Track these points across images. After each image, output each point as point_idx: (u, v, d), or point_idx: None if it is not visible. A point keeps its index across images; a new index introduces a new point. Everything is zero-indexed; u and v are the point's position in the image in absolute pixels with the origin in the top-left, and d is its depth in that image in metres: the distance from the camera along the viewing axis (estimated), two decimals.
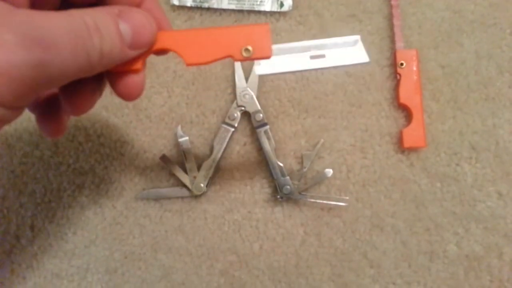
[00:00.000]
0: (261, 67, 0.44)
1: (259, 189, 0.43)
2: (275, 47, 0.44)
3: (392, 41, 0.44)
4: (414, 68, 0.43)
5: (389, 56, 0.44)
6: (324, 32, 0.45)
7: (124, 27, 0.25)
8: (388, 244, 0.42)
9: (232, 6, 0.44)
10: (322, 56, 0.44)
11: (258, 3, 0.44)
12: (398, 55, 0.43)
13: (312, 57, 0.44)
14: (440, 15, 0.45)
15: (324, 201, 0.42)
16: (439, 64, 0.44)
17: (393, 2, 0.44)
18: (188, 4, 0.44)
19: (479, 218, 0.42)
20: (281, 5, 0.44)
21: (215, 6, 0.44)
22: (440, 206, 0.42)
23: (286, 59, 0.44)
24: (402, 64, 0.43)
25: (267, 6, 0.44)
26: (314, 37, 0.44)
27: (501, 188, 0.42)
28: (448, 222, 0.42)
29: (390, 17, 0.44)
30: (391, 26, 0.44)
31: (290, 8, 0.44)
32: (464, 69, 0.44)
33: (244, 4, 0.44)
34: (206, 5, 0.43)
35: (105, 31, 0.24)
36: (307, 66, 0.44)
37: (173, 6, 0.44)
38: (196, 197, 0.42)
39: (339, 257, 0.42)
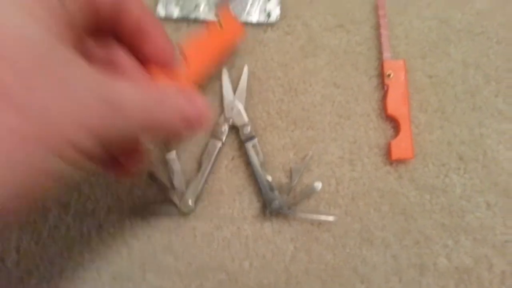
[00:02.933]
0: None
1: (248, 204, 0.43)
2: None
3: (380, 51, 0.44)
4: (402, 79, 0.43)
5: (376, 66, 0.44)
6: (312, 42, 0.44)
7: (188, 110, 0.27)
8: (378, 258, 0.42)
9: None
10: None
11: (245, 14, 0.43)
12: (386, 65, 0.43)
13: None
14: (427, 25, 0.44)
15: (314, 216, 0.41)
16: (427, 74, 0.44)
17: (380, 12, 0.44)
18: (175, 16, 0.43)
19: (468, 229, 0.42)
20: (269, 15, 0.43)
21: (201, 17, 0.43)
22: (429, 218, 0.42)
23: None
24: (389, 74, 0.43)
25: (254, 17, 0.43)
26: (302, 48, 0.44)
27: (490, 198, 0.42)
28: (438, 234, 0.42)
29: (377, 27, 0.44)
30: (378, 36, 0.44)
31: (278, 19, 0.43)
32: (452, 78, 0.44)
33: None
34: (192, 16, 0.43)
35: (171, 110, 0.26)
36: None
37: (159, 18, 0.43)
38: (184, 214, 0.42)
39: (330, 273, 0.42)
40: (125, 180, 0.42)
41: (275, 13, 0.43)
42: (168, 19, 0.43)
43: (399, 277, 0.42)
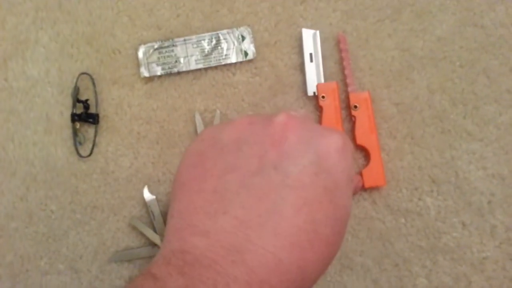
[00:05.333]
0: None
1: None
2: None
3: (345, 84, 0.46)
4: (368, 109, 0.44)
5: (343, 99, 0.46)
6: (280, 81, 0.46)
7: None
8: (359, 283, 0.43)
9: (200, 65, 0.46)
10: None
11: (224, 57, 0.46)
12: (352, 98, 0.45)
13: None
14: (389, 55, 0.46)
15: None
16: (393, 102, 0.46)
17: (342, 47, 0.46)
18: (158, 73, 0.45)
19: (446, 249, 0.43)
20: (246, 54, 0.46)
21: (183, 69, 0.45)
22: (406, 241, 0.43)
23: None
24: (356, 106, 0.45)
25: (233, 58, 0.46)
26: (271, 87, 0.46)
27: (464, 218, 0.43)
28: (416, 256, 0.43)
29: (341, 61, 0.46)
30: (342, 70, 0.46)
31: (255, 55, 0.45)
32: (418, 104, 0.45)
33: (211, 61, 0.46)
34: (175, 70, 0.45)
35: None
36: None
37: (144, 78, 0.46)
38: None
39: None
40: (109, 225, 0.45)
41: (251, 50, 0.45)
42: (152, 77, 0.46)
43: None
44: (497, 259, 0.43)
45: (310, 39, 0.46)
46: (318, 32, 0.46)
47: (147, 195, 0.44)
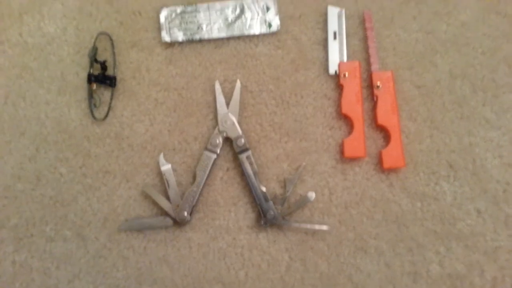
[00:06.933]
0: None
1: (243, 215, 0.43)
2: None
3: (368, 63, 0.45)
4: (391, 89, 0.44)
5: (365, 78, 0.45)
6: (302, 55, 0.45)
7: None
8: (372, 266, 0.42)
9: (223, 34, 0.44)
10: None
11: (247, 27, 0.44)
12: (374, 77, 0.44)
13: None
14: (414, 37, 0.46)
15: (308, 226, 0.42)
16: (415, 84, 0.45)
17: (367, 25, 0.45)
18: (180, 39, 0.44)
19: (460, 236, 0.43)
20: (269, 25, 0.45)
21: (206, 36, 0.44)
22: (421, 225, 0.43)
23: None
24: (378, 86, 0.44)
25: (256, 29, 0.44)
26: (293, 61, 0.45)
27: (480, 205, 0.43)
28: (430, 241, 0.43)
29: (365, 40, 0.45)
30: (366, 49, 0.45)
31: (279, 28, 0.44)
32: (439, 88, 0.45)
33: (234, 30, 0.44)
34: (197, 37, 0.44)
35: None
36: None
37: (165, 42, 0.44)
38: (180, 226, 0.42)
39: (325, 282, 0.42)
40: (121, 192, 0.43)
41: (276, 22, 0.44)
42: (173, 43, 0.44)
43: (393, 284, 0.42)
44: (510, 248, 0.42)
45: (335, 17, 0.45)
46: (343, 10, 0.45)
47: (163, 163, 0.42)
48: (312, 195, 0.42)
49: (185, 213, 0.42)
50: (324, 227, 0.42)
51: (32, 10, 0.45)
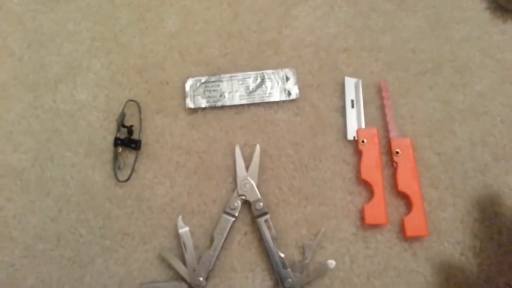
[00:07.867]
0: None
1: (260, 282, 0.42)
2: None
3: (386, 130, 0.46)
4: (410, 156, 0.44)
5: (383, 145, 0.46)
6: (320, 121, 0.46)
7: None
8: None
9: (244, 101, 0.46)
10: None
11: (268, 95, 0.46)
12: (393, 143, 0.45)
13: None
14: (431, 105, 0.47)
15: None
16: (435, 151, 0.45)
17: (384, 94, 0.46)
18: (203, 106, 0.46)
19: None
20: (289, 94, 0.47)
21: (227, 103, 0.46)
22: None
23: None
24: (397, 152, 0.44)
25: (276, 97, 0.46)
26: (311, 127, 0.46)
27: (510, 279, 0.41)
28: None
29: (382, 108, 0.46)
30: (384, 116, 0.46)
31: (298, 96, 0.46)
32: (460, 156, 0.45)
33: (255, 98, 0.46)
34: (219, 103, 0.46)
35: None
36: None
37: (189, 109, 0.47)
38: None
39: None
40: (138, 255, 0.43)
41: (294, 91, 0.46)
42: (196, 109, 0.47)
43: None
44: None
45: (352, 87, 0.47)
46: (360, 80, 0.47)
47: (181, 225, 0.42)
48: (332, 263, 0.41)
49: (201, 279, 0.41)
50: None
51: (67, 79, 0.48)
